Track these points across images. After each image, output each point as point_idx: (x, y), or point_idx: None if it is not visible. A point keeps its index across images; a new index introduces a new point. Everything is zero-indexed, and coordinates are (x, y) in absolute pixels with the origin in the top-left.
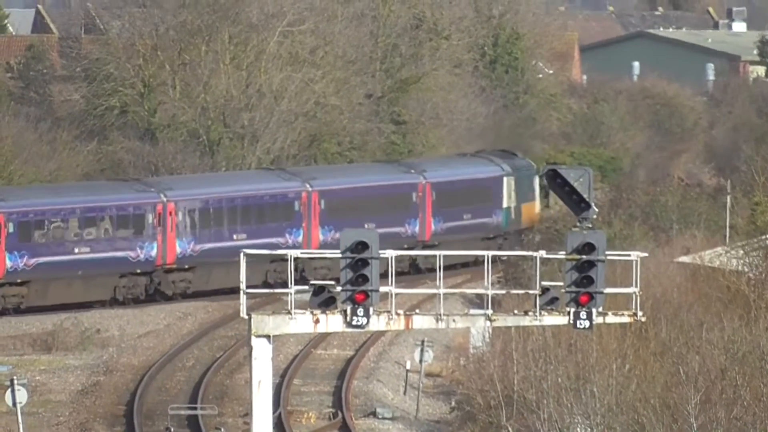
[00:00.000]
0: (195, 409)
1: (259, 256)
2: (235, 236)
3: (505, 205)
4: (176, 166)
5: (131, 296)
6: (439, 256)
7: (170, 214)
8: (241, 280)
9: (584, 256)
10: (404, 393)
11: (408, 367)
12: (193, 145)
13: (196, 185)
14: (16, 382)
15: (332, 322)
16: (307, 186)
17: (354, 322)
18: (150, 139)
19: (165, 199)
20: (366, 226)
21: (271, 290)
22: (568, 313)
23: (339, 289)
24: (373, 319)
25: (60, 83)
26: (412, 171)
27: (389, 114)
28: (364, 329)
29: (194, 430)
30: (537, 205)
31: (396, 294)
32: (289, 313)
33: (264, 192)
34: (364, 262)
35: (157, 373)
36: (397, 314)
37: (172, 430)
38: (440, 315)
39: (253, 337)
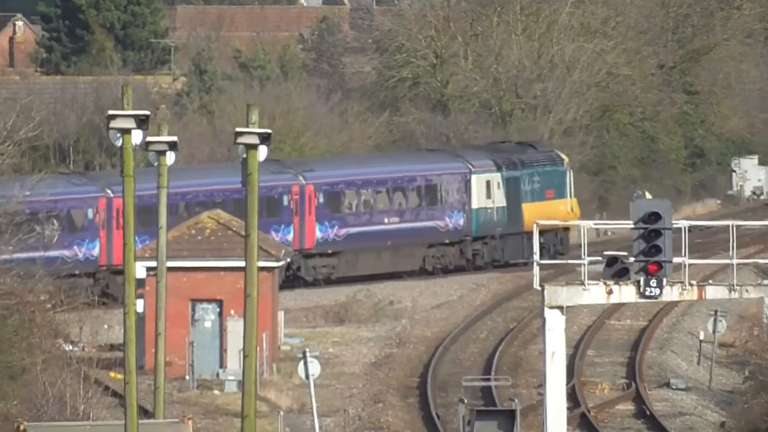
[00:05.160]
0: (489, 380)
1: None
2: None
3: (475, 206)
4: (468, 137)
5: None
6: (732, 226)
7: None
8: (534, 251)
9: None
10: (698, 363)
11: (701, 337)
12: (485, 116)
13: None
14: (308, 354)
15: (625, 292)
16: None
17: (647, 293)
18: (442, 110)
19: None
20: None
21: (565, 261)
22: None
23: (632, 260)
24: (667, 289)
25: (351, 55)
26: (284, 171)
27: (681, 84)
28: (658, 300)
29: (488, 401)
30: (568, 204)
31: (689, 264)
32: (583, 284)
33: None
34: (657, 233)
35: (450, 344)
36: (691, 284)
37: (466, 401)
38: (733, 285)
39: (546, 309)
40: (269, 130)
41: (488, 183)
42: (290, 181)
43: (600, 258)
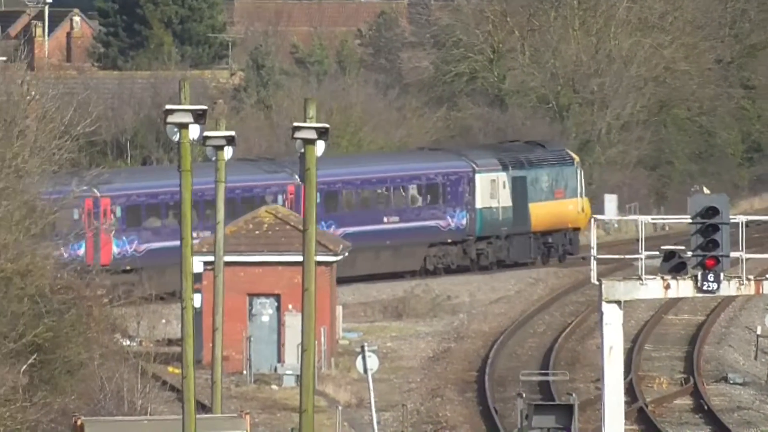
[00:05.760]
0: (546, 374)
1: None
2: None
3: (479, 205)
4: (525, 132)
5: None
6: None
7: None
8: (591, 245)
9: None
10: (755, 358)
11: (758, 332)
12: (542, 111)
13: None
14: (366, 348)
15: (683, 287)
16: None
17: (704, 287)
18: (499, 105)
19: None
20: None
21: (622, 256)
22: None
23: (689, 254)
24: (724, 284)
25: (409, 50)
26: (278, 170)
27: (738, 79)
28: (715, 294)
29: (546, 395)
30: (578, 203)
31: (746, 259)
32: (640, 278)
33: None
34: (715, 228)
35: (508, 339)
36: (748, 279)
37: (524, 396)
38: None
39: (603, 303)
40: (327, 125)
41: (493, 182)
42: (285, 180)
43: (657, 253)
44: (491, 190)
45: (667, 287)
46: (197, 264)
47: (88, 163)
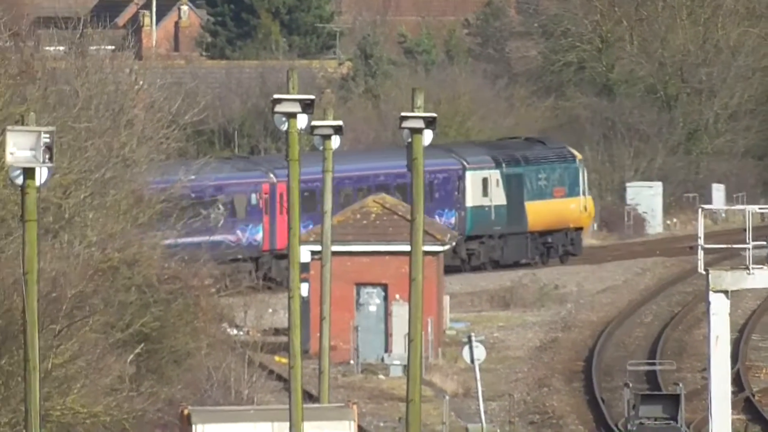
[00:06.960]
0: (653, 364)
1: None
2: None
3: (470, 204)
4: (633, 121)
5: None
6: None
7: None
8: (698, 235)
9: None
10: None
11: None
12: (650, 101)
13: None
14: (473, 338)
15: None
16: None
17: None
18: (607, 94)
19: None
20: None
21: (729, 245)
22: None
23: None
24: None
25: (517, 39)
26: (252, 168)
27: None
28: None
29: (653, 385)
30: (581, 202)
31: None
32: (747, 268)
33: None
34: None
35: (615, 329)
36: None
37: (631, 385)
38: None
39: (711, 293)
40: (434, 114)
41: (485, 180)
42: (259, 178)
43: (765, 242)
44: (483, 188)
45: None
46: (305, 253)
47: (195, 152)
